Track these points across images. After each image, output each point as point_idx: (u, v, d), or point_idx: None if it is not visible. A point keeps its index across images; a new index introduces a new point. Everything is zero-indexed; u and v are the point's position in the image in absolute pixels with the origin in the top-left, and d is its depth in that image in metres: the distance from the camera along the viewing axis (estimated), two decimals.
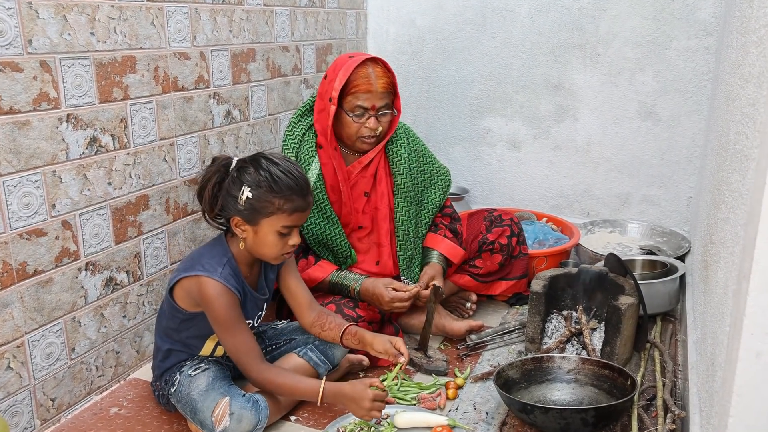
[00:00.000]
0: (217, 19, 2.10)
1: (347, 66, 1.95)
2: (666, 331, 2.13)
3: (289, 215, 1.55)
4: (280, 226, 1.56)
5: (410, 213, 2.13)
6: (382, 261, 2.14)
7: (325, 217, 2.04)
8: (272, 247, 1.58)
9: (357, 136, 2.01)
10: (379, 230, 2.13)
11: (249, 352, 1.58)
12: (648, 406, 1.71)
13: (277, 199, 1.54)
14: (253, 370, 1.58)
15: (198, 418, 1.57)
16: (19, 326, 1.57)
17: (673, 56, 2.69)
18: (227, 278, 1.56)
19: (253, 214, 1.55)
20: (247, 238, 1.59)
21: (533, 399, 1.71)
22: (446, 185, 2.25)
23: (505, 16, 2.93)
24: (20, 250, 1.55)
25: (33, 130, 1.54)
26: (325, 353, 1.78)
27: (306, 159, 2.04)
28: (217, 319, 1.56)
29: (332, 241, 2.06)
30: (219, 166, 1.59)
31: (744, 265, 1.01)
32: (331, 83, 1.97)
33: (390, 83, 1.99)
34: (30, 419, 1.62)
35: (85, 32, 1.64)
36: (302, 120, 2.09)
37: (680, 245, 2.63)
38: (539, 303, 1.94)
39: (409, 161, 2.14)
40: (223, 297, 1.55)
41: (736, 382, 0.99)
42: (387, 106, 2.01)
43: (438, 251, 2.16)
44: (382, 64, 2.00)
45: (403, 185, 2.12)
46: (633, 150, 2.86)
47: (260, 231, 1.57)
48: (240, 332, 1.57)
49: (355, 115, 1.97)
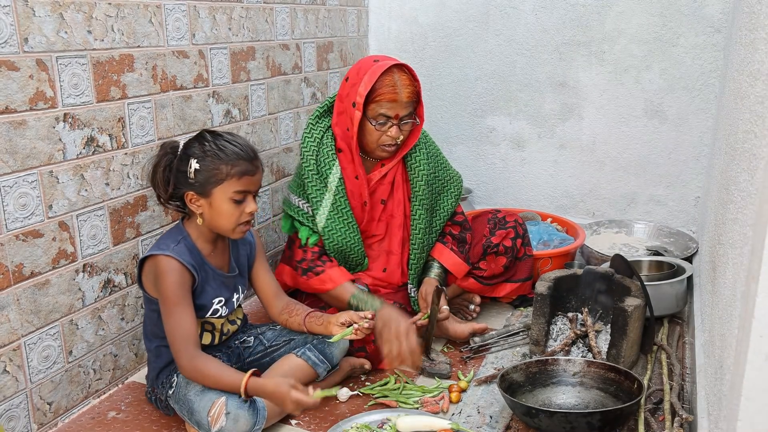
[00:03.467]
0: (216, 17, 2.08)
1: (372, 71, 1.89)
2: (673, 334, 2.10)
3: (238, 179, 1.58)
4: (232, 192, 1.58)
5: (426, 221, 2.09)
6: (390, 269, 2.10)
7: (346, 223, 2.00)
8: (229, 217, 1.60)
9: (377, 144, 1.96)
10: (391, 238, 2.09)
11: (186, 336, 1.57)
12: (655, 409, 1.68)
13: (224, 165, 1.57)
14: (183, 357, 1.56)
15: (195, 419, 1.56)
16: (15, 329, 1.55)
17: (680, 53, 2.66)
18: (180, 253, 1.59)
19: (204, 186, 1.58)
20: (203, 213, 1.62)
21: (538, 402, 1.69)
22: (458, 191, 2.20)
23: (508, 13, 2.90)
24: (16, 251, 1.53)
25: (29, 129, 1.53)
26: (324, 353, 1.76)
27: (327, 163, 1.99)
28: (162, 294, 1.58)
29: (350, 247, 2.01)
30: (166, 150, 1.62)
31: (752, 267, 1.00)
32: (354, 87, 1.92)
33: (415, 92, 1.94)
34: (27, 423, 1.60)
35: (82, 30, 1.62)
36: (320, 122, 2.04)
37: (687, 246, 2.61)
38: (544, 305, 1.91)
39: (427, 168, 2.09)
40: (173, 272, 1.57)
41: (745, 385, 0.98)
42: (410, 115, 1.96)
43: (440, 263, 2.12)
44: (408, 71, 1.94)
45: (421, 192, 2.08)
46: (639, 149, 2.83)
47: (214, 201, 1.59)
48: (182, 313, 1.57)
49: (378, 123, 1.92)
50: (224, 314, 1.72)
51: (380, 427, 1.64)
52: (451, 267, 2.12)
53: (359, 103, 1.89)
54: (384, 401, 1.77)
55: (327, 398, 1.78)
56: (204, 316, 1.68)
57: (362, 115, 1.92)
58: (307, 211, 2.00)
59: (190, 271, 1.59)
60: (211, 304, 1.68)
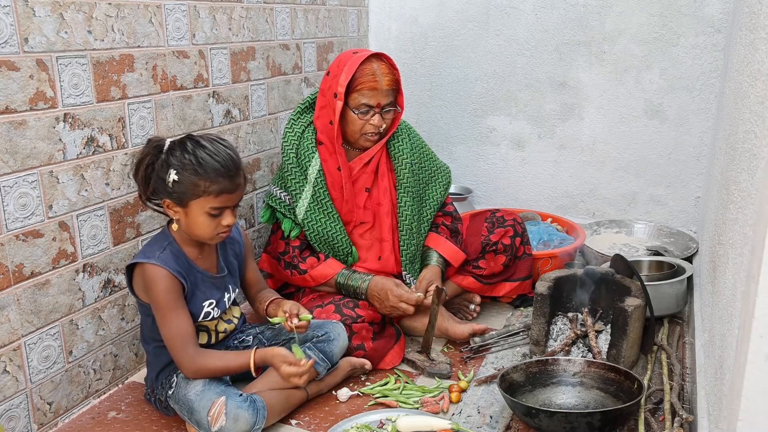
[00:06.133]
0: (217, 17, 2.08)
1: (352, 62, 1.93)
2: (673, 334, 2.10)
3: (215, 197, 1.56)
4: (208, 207, 1.57)
5: (413, 208, 2.12)
6: (384, 256, 2.12)
7: (326, 213, 2.03)
8: (204, 228, 1.59)
9: (361, 133, 2.01)
10: (381, 225, 2.11)
11: (184, 339, 1.58)
12: (655, 409, 1.68)
13: (202, 181, 1.54)
14: (185, 360, 1.57)
15: (194, 419, 1.56)
16: (15, 329, 1.55)
17: (681, 53, 2.65)
18: (166, 261, 1.59)
19: (181, 197, 1.56)
20: (180, 220, 1.61)
21: (538, 402, 1.68)
22: (447, 182, 2.24)
23: (509, 13, 2.90)
24: (17, 251, 1.53)
25: (29, 129, 1.53)
26: (324, 351, 1.76)
27: (306, 155, 2.03)
28: (154, 302, 1.58)
29: (333, 238, 2.04)
30: (151, 148, 1.60)
31: (753, 267, 0.99)
32: (335, 79, 1.96)
33: (394, 80, 1.99)
34: (27, 423, 1.60)
35: (82, 30, 1.62)
36: (302, 117, 2.09)
37: (688, 246, 2.60)
38: (544, 305, 1.91)
39: (411, 157, 2.14)
40: (161, 281, 1.56)
41: (745, 385, 0.98)
42: (391, 103, 2.01)
43: (438, 252, 2.14)
44: (386, 60, 1.99)
45: (405, 180, 2.11)
46: (639, 149, 2.83)
47: (190, 213, 1.58)
48: (177, 318, 1.58)
49: (360, 112, 1.96)
50: (216, 315, 1.72)
51: (380, 427, 1.64)
52: (448, 255, 2.14)
53: (341, 93, 1.93)
54: (384, 401, 1.77)
55: (327, 398, 1.79)
56: (196, 321, 1.67)
57: (344, 105, 1.95)
58: (288, 202, 2.04)
59: (178, 278, 1.59)
60: (202, 308, 1.67)
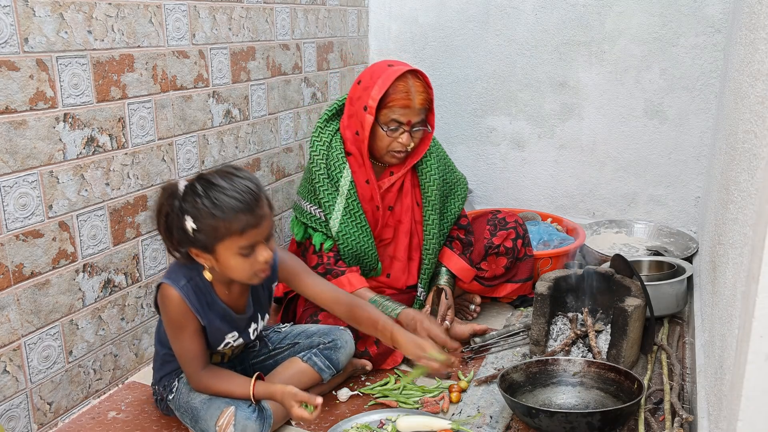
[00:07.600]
0: (217, 17, 2.08)
1: (386, 76, 1.88)
2: (673, 334, 2.09)
3: (240, 235, 1.41)
4: (237, 248, 1.42)
5: (437, 225, 2.08)
6: (394, 275, 2.10)
7: (359, 227, 1.98)
8: (240, 270, 1.46)
9: (387, 149, 1.95)
10: (397, 244, 2.09)
11: (192, 358, 1.55)
12: (655, 409, 1.68)
13: (221, 222, 1.39)
14: (192, 375, 1.57)
15: (200, 427, 1.54)
16: (15, 329, 1.55)
17: (681, 53, 2.65)
18: (188, 294, 1.50)
19: (206, 243, 1.43)
20: (212, 266, 1.49)
21: (538, 402, 1.68)
22: (464, 194, 2.20)
23: (509, 13, 2.90)
24: (17, 251, 1.53)
25: (29, 129, 1.53)
26: (330, 358, 1.75)
27: (337, 166, 1.97)
28: (165, 320, 1.55)
29: (364, 251, 2.00)
30: (166, 196, 1.46)
31: (753, 267, 0.99)
32: (366, 90, 1.90)
33: (428, 99, 1.92)
34: (27, 423, 1.60)
35: (82, 30, 1.62)
36: (328, 125, 2.02)
37: (688, 246, 2.60)
38: (544, 305, 1.91)
39: (438, 173, 2.08)
40: (176, 306, 1.50)
41: (745, 385, 0.98)
42: (422, 122, 1.95)
43: (448, 268, 2.12)
44: (422, 78, 1.92)
45: (434, 197, 2.07)
46: (639, 149, 2.83)
47: (220, 257, 1.44)
48: (188, 338, 1.54)
49: (389, 129, 1.91)
50: (236, 345, 1.66)
51: (380, 427, 1.64)
52: (459, 272, 2.12)
53: (371, 107, 1.87)
54: (384, 401, 1.77)
55: (327, 398, 1.78)
56: (215, 350, 1.62)
57: (374, 120, 1.90)
58: (320, 216, 1.99)
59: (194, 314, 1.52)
60: (223, 339, 1.60)
